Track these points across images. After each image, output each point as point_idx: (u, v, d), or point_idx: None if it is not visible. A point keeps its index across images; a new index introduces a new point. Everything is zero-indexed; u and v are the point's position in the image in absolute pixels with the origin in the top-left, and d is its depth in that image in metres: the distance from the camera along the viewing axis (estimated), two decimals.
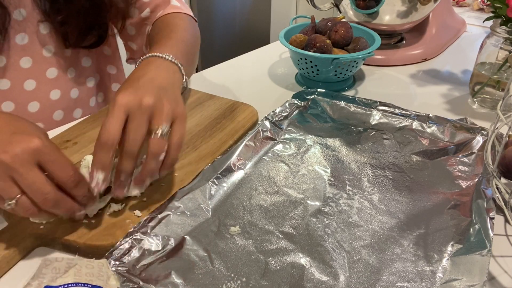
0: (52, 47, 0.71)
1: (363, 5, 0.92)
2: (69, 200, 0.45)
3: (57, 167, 0.43)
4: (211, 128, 0.69)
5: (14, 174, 0.41)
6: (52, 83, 0.73)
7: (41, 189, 0.42)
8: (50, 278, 0.39)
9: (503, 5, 0.68)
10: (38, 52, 0.69)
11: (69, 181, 0.44)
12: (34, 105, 0.73)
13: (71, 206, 0.46)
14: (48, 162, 0.43)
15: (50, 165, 0.43)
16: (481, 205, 0.51)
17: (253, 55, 1.05)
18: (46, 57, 0.71)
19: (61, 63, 0.73)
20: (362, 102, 0.74)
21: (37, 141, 0.42)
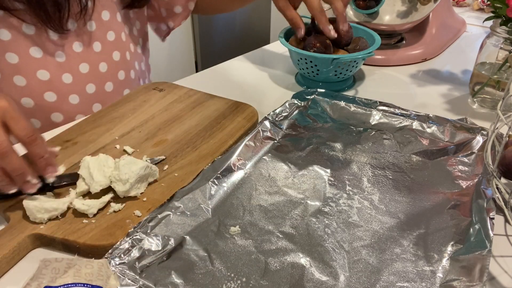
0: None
1: (363, 5, 0.92)
2: (16, 157, 0.49)
3: (19, 125, 0.49)
4: (211, 128, 0.69)
5: None
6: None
7: (1, 142, 0.47)
8: (49, 278, 0.39)
9: (503, 5, 0.68)
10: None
11: (23, 138, 0.49)
12: (67, 76, 0.77)
13: (18, 164, 0.49)
14: (11, 119, 0.49)
15: (12, 123, 0.49)
16: (481, 205, 0.51)
17: (253, 55, 1.05)
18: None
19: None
20: (362, 102, 0.74)
21: (3, 102, 0.49)
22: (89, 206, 0.51)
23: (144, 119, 0.71)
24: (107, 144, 0.65)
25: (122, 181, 0.52)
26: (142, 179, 0.54)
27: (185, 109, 0.74)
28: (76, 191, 0.54)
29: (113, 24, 0.75)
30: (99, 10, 0.72)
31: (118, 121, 0.70)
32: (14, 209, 0.52)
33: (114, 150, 0.63)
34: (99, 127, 0.68)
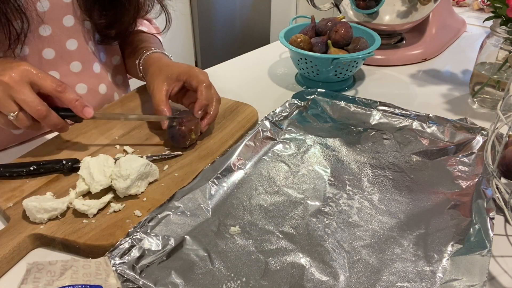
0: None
1: (363, 5, 0.92)
2: (55, 115, 0.57)
3: (45, 80, 0.56)
4: (211, 128, 0.69)
5: (12, 92, 0.53)
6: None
7: (34, 102, 0.54)
8: (46, 281, 0.39)
9: (503, 5, 0.68)
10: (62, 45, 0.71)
11: (56, 90, 0.56)
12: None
13: (58, 121, 0.58)
14: (38, 78, 0.55)
15: (39, 80, 0.55)
16: (481, 205, 0.51)
17: (253, 55, 1.05)
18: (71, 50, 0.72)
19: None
20: (362, 102, 0.74)
21: (26, 65, 0.55)
22: (89, 206, 0.51)
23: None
24: (107, 144, 0.65)
25: (122, 177, 0.52)
26: (142, 176, 0.54)
27: None
28: (76, 191, 0.54)
29: (80, 54, 0.71)
30: (63, 38, 0.68)
31: (118, 121, 0.70)
32: (14, 209, 0.52)
33: (114, 150, 0.63)
34: (99, 127, 0.68)
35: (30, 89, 0.55)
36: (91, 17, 0.70)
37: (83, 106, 0.59)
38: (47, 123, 0.57)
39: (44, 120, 0.56)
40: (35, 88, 0.56)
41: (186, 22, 2.40)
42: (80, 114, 0.59)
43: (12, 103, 0.54)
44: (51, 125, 0.58)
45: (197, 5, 2.38)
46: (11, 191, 0.55)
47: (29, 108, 0.55)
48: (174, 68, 0.68)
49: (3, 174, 0.57)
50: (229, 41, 2.69)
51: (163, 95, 0.65)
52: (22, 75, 0.55)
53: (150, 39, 0.81)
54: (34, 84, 0.55)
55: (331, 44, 0.83)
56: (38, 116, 0.55)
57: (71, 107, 0.58)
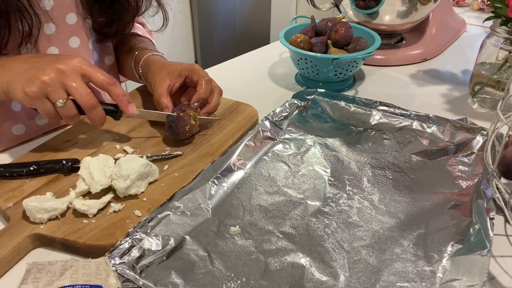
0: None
1: (363, 5, 0.92)
2: (101, 108, 0.59)
3: (97, 73, 0.57)
4: (211, 128, 0.69)
5: (66, 81, 0.55)
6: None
7: (86, 91, 0.56)
8: (46, 282, 0.39)
9: (503, 5, 0.68)
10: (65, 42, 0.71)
11: (107, 83, 0.58)
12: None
13: (102, 114, 0.59)
14: (90, 71, 0.57)
15: (91, 72, 0.57)
16: (481, 205, 0.51)
17: (253, 55, 1.05)
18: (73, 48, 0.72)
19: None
20: (362, 102, 0.74)
21: (80, 58, 0.57)
22: (89, 206, 0.51)
23: (143, 119, 0.71)
24: (107, 144, 0.65)
25: (123, 177, 0.52)
26: (142, 176, 0.54)
27: None
28: (76, 191, 0.54)
29: (81, 51, 0.72)
30: (66, 36, 0.69)
31: (118, 121, 0.70)
32: (14, 209, 0.52)
33: (114, 150, 0.63)
34: (98, 127, 0.68)
35: (82, 80, 0.56)
36: (92, 15, 0.71)
37: (128, 101, 0.61)
38: (93, 114, 0.58)
39: (92, 111, 0.57)
40: (85, 80, 0.57)
41: (186, 22, 2.40)
42: (125, 109, 0.61)
43: (63, 91, 0.55)
44: (97, 118, 0.59)
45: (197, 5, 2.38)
46: (11, 191, 0.55)
47: (80, 97, 0.56)
48: (176, 65, 0.70)
49: (3, 174, 0.57)
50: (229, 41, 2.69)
51: (165, 89, 0.67)
52: (77, 65, 0.56)
53: (145, 42, 0.82)
54: (85, 76, 0.57)
55: (331, 44, 0.83)
56: (88, 105, 0.57)
57: (118, 101, 0.60)
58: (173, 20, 2.27)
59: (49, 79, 0.54)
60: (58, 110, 0.56)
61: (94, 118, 0.59)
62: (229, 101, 0.76)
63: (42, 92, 0.54)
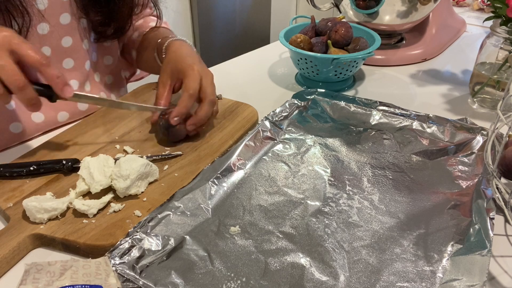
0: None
1: (363, 5, 0.92)
2: (32, 89, 0.53)
3: (28, 50, 0.52)
4: (211, 128, 0.69)
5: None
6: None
7: (12, 70, 0.50)
8: (45, 282, 0.39)
9: (503, 5, 0.68)
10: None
11: (40, 62, 0.52)
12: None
13: (33, 95, 0.53)
14: (19, 47, 0.51)
15: (21, 49, 0.51)
16: (481, 205, 0.51)
17: (253, 55, 1.05)
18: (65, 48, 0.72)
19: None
20: (362, 102, 0.74)
21: (8, 32, 0.52)
22: (89, 206, 0.51)
23: (144, 119, 0.71)
24: (107, 144, 0.65)
25: (123, 177, 0.52)
26: (142, 176, 0.54)
27: None
28: (76, 191, 0.54)
29: (74, 51, 0.71)
30: (59, 36, 0.68)
31: (118, 121, 0.70)
32: (14, 209, 0.52)
33: (114, 150, 0.63)
34: (99, 127, 0.68)
35: (9, 57, 0.51)
36: (87, 14, 0.71)
37: (64, 83, 0.55)
38: (22, 96, 0.53)
39: (20, 92, 0.52)
40: (15, 57, 0.52)
41: (186, 22, 2.40)
42: (60, 92, 0.55)
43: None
44: (26, 99, 0.53)
45: (197, 5, 2.37)
46: (11, 191, 0.55)
47: (6, 75, 0.50)
48: (179, 62, 0.67)
49: (3, 174, 0.57)
50: (229, 41, 2.69)
51: (165, 89, 0.66)
52: (3, 41, 0.51)
53: (164, 31, 0.81)
54: (15, 53, 0.52)
55: (331, 44, 0.83)
56: (14, 86, 0.51)
57: (52, 83, 0.55)
58: (173, 20, 2.27)
59: None
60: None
61: (23, 99, 0.53)
62: (229, 101, 0.76)
63: None
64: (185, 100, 0.63)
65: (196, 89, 0.63)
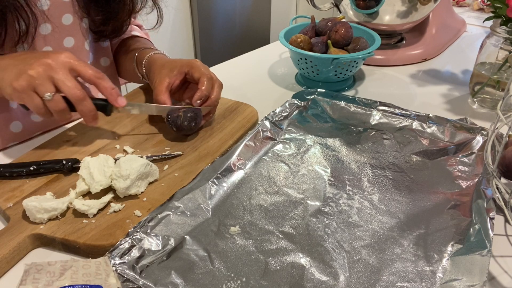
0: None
1: (363, 5, 0.92)
2: (90, 101, 0.59)
3: (85, 67, 0.58)
4: (211, 128, 0.69)
5: (54, 74, 0.55)
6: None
7: (73, 84, 0.56)
8: (45, 282, 0.39)
9: (503, 5, 0.68)
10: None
11: (95, 76, 0.58)
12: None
13: (92, 107, 0.59)
14: (78, 65, 0.57)
15: (79, 67, 0.57)
16: (481, 205, 0.51)
17: (253, 55, 1.05)
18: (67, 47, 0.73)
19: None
20: (362, 102, 0.74)
21: (69, 53, 0.58)
22: (89, 206, 0.51)
23: (144, 119, 0.71)
24: (107, 144, 0.65)
25: (123, 177, 0.52)
26: (142, 176, 0.54)
27: None
28: (76, 191, 0.54)
29: (76, 51, 0.72)
30: (61, 36, 0.69)
31: (118, 121, 0.70)
32: (14, 209, 0.52)
33: (114, 150, 0.63)
34: (99, 127, 0.68)
35: (70, 74, 0.56)
36: (89, 13, 0.71)
37: (118, 94, 0.61)
38: (82, 108, 0.58)
39: (81, 104, 0.57)
40: (73, 74, 0.57)
41: (186, 22, 2.40)
42: (114, 103, 0.61)
43: (51, 84, 0.55)
44: (86, 111, 0.59)
45: (197, 5, 2.37)
46: (11, 191, 0.55)
47: (68, 89, 0.56)
48: (176, 62, 0.70)
49: (3, 174, 0.57)
50: (229, 41, 2.69)
51: (164, 86, 0.67)
52: (65, 60, 0.56)
53: (145, 42, 0.83)
54: (74, 71, 0.57)
55: (331, 44, 0.83)
56: (75, 98, 0.57)
57: (107, 95, 0.60)
58: (173, 20, 2.26)
59: (36, 73, 0.54)
60: (47, 104, 0.56)
61: (83, 111, 0.58)
62: (229, 101, 0.76)
63: (30, 86, 0.55)
64: (205, 82, 0.66)
65: (210, 73, 0.68)
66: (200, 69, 0.67)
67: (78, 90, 0.57)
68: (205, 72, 0.67)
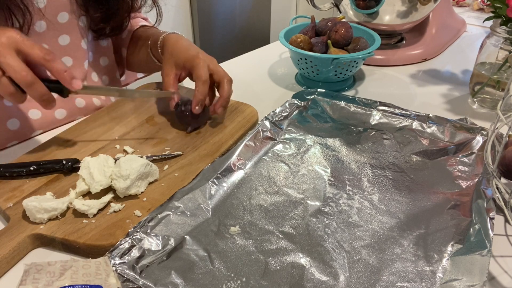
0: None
1: (363, 5, 0.92)
2: (41, 84, 0.54)
3: (33, 48, 0.53)
4: (211, 128, 0.69)
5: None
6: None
7: (19, 67, 0.52)
8: (45, 282, 0.39)
9: (503, 5, 0.68)
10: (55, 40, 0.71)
11: (44, 58, 0.53)
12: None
13: (44, 91, 0.55)
14: (25, 46, 0.53)
15: (26, 47, 0.53)
16: (481, 205, 0.51)
17: (253, 55, 1.05)
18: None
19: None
20: (362, 102, 0.74)
21: (13, 32, 0.53)
22: (89, 206, 0.51)
23: (144, 119, 0.71)
24: (107, 144, 0.65)
25: (122, 177, 0.52)
26: (142, 176, 0.54)
27: None
28: (76, 191, 0.54)
29: (72, 49, 0.71)
30: (56, 34, 0.69)
31: (118, 121, 0.70)
32: (14, 209, 0.52)
33: (114, 150, 0.63)
34: (99, 127, 0.68)
35: (16, 55, 0.52)
36: (87, 11, 0.71)
37: (71, 77, 0.56)
38: (33, 92, 0.54)
39: (30, 87, 0.53)
40: (22, 56, 0.53)
41: (186, 22, 2.40)
42: (68, 85, 0.56)
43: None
44: (38, 95, 0.55)
45: (197, 5, 2.37)
46: (11, 191, 0.55)
47: (14, 73, 0.52)
48: (182, 54, 0.68)
49: (3, 174, 0.57)
50: (229, 41, 2.69)
51: (171, 79, 0.68)
52: (9, 41, 0.52)
53: (154, 29, 0.84)
54: (21, 52, 0.53)
55: (331, 44, 0.83)
56: (23, 82, 0.53)
57: (59, 78, 0.56)
58: (173, 20, 2.26)
59: None
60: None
61: (35, 96, 0.55)
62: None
63: None
64: (200, 87, 0.65)
65: (207, 75, 0.66)
66: (198, 71, 0.66)
67: (25, 72, 0.52)
68: (201, 75, 0.65)
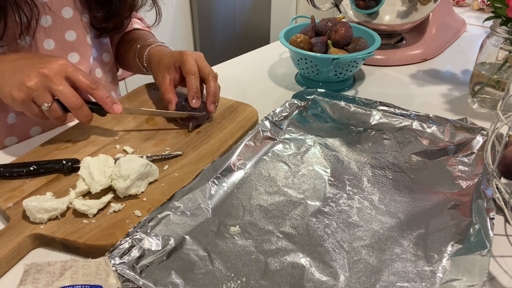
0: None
1: (363, 5, 0.92)
2: (87, 107, 0.61)
3: (80, 76, 0.59)
4: (211, 128, 0.69)
5: (50, 84, 0.57)
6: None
7: (70, 94, 0.58)
8: (45, 282, 0.39)
9: (503, 5, 0.68)
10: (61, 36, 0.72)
11: (90, 87, 0.60)
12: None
13: (89, 113, 0.61)
14: (74, 73, 0.59)
15: (75, 75, 0.59)
16: (481, 205, 0.51)
17: (253, 55, 1.05)
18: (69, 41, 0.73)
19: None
20: (362, 102, 0.74)
21: (64, 60, 0.59)
22: (89, 206, 0.51)
23: (144, 119, 0.71)
24: (107, 144, 0.65)
25: (123, 177, 0.52)
26: (142, 176, 0.54)
27: None
28: (76, 191, 0.54)
29: (78, 45, 0.73)
30: (62, 29, 0.70)
31: (118, 121, 0.70)
32: (14, 209, 0.52)
33: (114, 150, 0.63)
34: (99, 127, 0.68)
35: (66, 82, 0.58)
36: (90, 9, 0.72)
37: (113, 102, 0.63)
38: (80, 114, 0.60)
39: (78, 111, 0.60)
40: (70, 82, 0.59)
41: (186, 22, 2.40)
42: (110, 110, 0.63)
43: (48, 94, 0.57)
44: (83, 117, 0.61)
45: (197, 5, 2.37)
46: (11, 191, 0.55)
47: (65, 99, 0.58)
48: (169, 58, 0.71)
49: (3, 174, 0.57)
50: (229, 41, 2.69)
51: (167, 84, 0.69)
52: (61, 69, 0.58)
53: (146, 34, 0.84)
54: (69, 79, 0.59)
55: (331, 44, 0.83)
56: (73, 106, 0.59)
57: (102, 104, 0.62)
58: (173, 20, 2.26)
59: (34, 85, 0.56)
60: (45, 113, 0.59)
61: (80, 117, 0.61)
62: (229, 101, 0.76)
63: (29, 97, 0.57)
64: (192, 82, 0.68)
65: (196, 69, 0.68)
66: (186, 65, 0.68)
67: (75, 98, 0.58)
68: (190, 69, 0.68)
